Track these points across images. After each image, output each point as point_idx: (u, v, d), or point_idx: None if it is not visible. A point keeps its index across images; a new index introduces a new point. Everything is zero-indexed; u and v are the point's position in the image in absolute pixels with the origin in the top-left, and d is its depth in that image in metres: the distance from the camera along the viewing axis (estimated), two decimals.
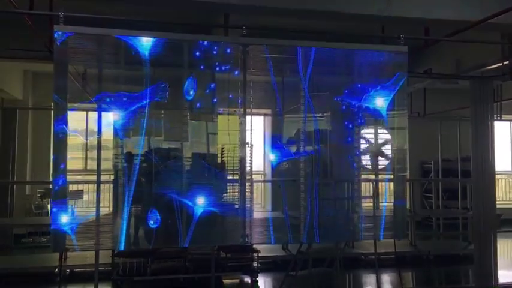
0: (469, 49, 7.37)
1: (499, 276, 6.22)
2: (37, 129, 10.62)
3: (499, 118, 9.29)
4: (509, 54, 6.70)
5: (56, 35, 4.11)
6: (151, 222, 4.58)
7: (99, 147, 4.68)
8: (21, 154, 10.20)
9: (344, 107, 5.17)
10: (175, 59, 4.61)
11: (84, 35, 4.23)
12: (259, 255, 6.75)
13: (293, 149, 5.23)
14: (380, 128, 5.45)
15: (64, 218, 4.14)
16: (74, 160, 8.67)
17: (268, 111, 7.86)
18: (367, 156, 5.51)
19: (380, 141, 5.61)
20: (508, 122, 13.11)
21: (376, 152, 5.48)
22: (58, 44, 4.12)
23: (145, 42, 4.39)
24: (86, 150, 10.45)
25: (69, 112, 4.20)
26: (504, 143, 13.29)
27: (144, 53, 4.40)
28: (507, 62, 6.76)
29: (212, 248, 6.15)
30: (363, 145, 5.45)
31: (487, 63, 7.15)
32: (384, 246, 7.35)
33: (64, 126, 4.15)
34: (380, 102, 5.01)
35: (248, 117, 4.76)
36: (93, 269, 5.02)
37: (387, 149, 5.44)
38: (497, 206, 6.40)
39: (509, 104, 9.45)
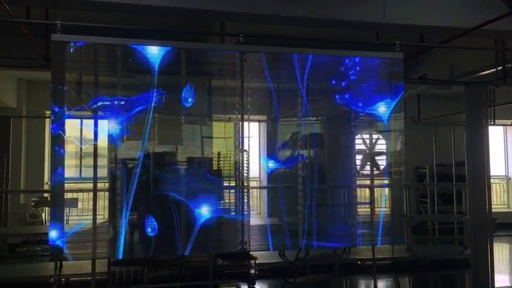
0: (463, 55, 7.44)
1: (495, 281, 6.25)
2: (31, 138, 10.57)
3: (492, 123, 9.36)
4: (502, 59, 6.75)
5: (60, 43, 4.08)
6: (149, 230, 4.55)
7: (95, 154, 4.66)
8: (15, 163, 10.14)
9: (340, 112, 5.19)
10: (175, 67, 4.62)
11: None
12: (256, 262, 6.74)
13: (288, 153, 5.23)
14: (377, 133, 5.46)
15: (62, 227, 4.10)
16: (68, 168, 8.59)
17: (264, 117, 7.90)
18: (365, 161, 5.53)
19: (377, 146, 5.62)
20: (502, 127, 13.22)
21: (373, 156, 5.49)
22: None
23: (145, 50, 4.39)
24: (81, 157, 10.38)
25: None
26: (498, 147, 13.40)
27: (142, 61, 4.40)
28: (500, 68, 6.81)
29: (210, 256, 6.13)
30: (360, 150, 5.47)
31: (481, 68, 7.20)
32: (380, 251, 7.34)
33: (61, 133, 4.13)
34: (377, 107, 5.03)
35: (245, 123, 4.77)
36: (89, 277, 4.98)
37: (384, 155, 5.44)
38: (492, 210, 6.43)
39: (502, 108, 9.53)
